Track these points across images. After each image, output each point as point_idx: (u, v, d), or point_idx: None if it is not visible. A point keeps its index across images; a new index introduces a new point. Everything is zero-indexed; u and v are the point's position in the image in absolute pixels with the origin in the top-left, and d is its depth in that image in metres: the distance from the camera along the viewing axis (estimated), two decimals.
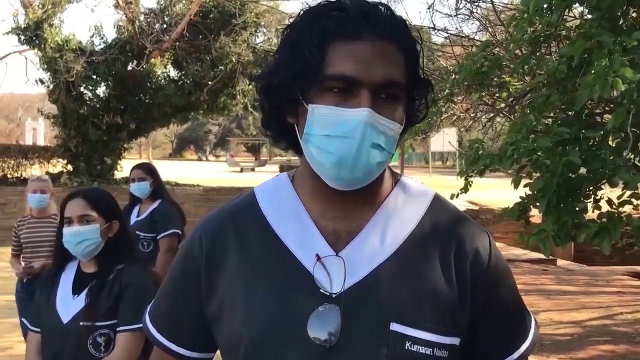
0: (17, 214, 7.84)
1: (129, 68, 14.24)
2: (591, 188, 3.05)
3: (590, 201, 3.04)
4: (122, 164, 14.67)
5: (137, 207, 4.41)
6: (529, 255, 9.52)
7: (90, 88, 14.08)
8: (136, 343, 2.11)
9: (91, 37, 14.38)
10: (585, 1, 3.15)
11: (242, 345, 0.97)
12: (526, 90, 4.25)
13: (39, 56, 13.44)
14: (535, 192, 2.89)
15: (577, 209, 2.83)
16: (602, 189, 3.06)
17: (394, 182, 1.07)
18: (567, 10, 3.42)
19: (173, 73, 15.41)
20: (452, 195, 4.30)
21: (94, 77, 13.72)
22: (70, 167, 14.22)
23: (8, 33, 13.51)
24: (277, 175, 1.12)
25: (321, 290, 0.96)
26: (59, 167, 14.64)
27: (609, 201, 2.93)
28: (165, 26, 14.54)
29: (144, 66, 13.88)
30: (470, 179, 3.96)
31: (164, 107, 14.39)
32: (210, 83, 14.12)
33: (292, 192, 1.06)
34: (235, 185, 15.55)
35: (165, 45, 13.94)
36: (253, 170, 37.62)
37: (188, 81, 14.61)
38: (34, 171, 13.99)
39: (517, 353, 1.06)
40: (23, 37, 13.49)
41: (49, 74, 13.43)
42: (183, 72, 14.97)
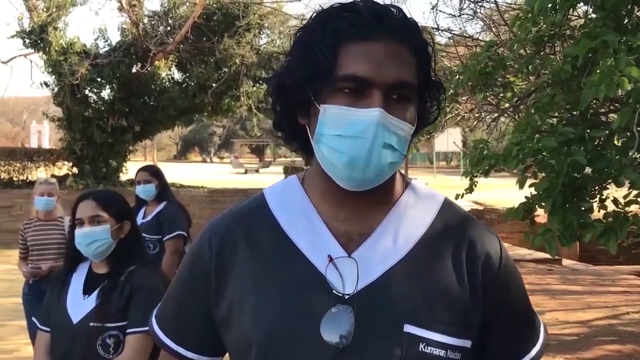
0: (23, 217, 7.86)
1: (134, 70, 14.28)
2: (597, 188, 3.04)
3: (596, 201, 3.02)
4: (127, 166, 14.72)
5: (142, 209, 4.43)
6: (534, 255, 9.49)
7: (95, 91, 14.12)
8: (145, 345, 2.11)
9: (95, 40, 14.42)
10: (590, 0, 3.14)
11: (253, 346, 0.97)
12: (531, 90, 4.23)
13: (44, 59, 13.48)
14: (540, 192, 2.88)
15: (583, 208, 2.82)
16: (608, 188, 3.06)
17: (404, 185, 1.08)
18: (571, 10, 3.41)
19: (177, 75, 15.45)
20: (457, 196, 4.28)
21: (99, 79, 13.74)
22: (75, 169, 14.26)
23: (13, 37, 13.53)
24: (285, 178, 1.12)
25: (334, 292, 0.96)
26: (64, 169, 14.68)
27: (615, 201, 2.92)
28: (169, 28, 14.56)
29: (148, 69, 13.92)
30: (475, 179, 3.95)
31: (168, 110, 14.42)
32: (214, 85, 14.14)
33: (302, 194, 1.06)
34: (239, 187, 15.58)
35: (169, 47, 13.97)
36: (257, 171, 37.65)
37: (192, 83, 14.63)
38: (40, 174, 14.04)
39: (528, 357, 1.06)
40: (28, 41, 13.52)
41: (53, 77, 13.46)
42: (187, 74, 14.99)
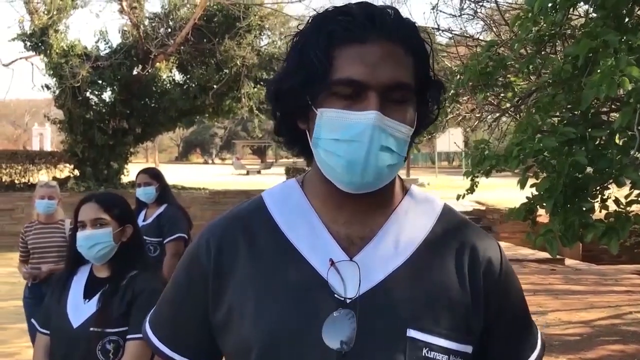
0: (24, 220, 7.86)
1: (134, 72, 14.31)
2: (598, 188, 3.03)
3: (597, 201, 3.02)
4: (129, 168, 14.75)
5: (143, 211, 4.42)
6: (536, 255, 9.49)
7: (96, 93, 14.18)
8: (146, 351, 2.08)
9: (96, 42, 14.49)
10: (590, 0, 3.13)
11: (253, 350, 0.95)
12: (531, 90, 4.23)
13: (45, 62, 13.53)
14: (541, 192, 2.87)
15: (584, 209, 2.81)
16: (609, 188, 3.05)
17: (404, 190, 1.07)
18: (571, 9, 3.40)
19: (178, 77, 15.50)
20: (459, 196, 4.28)
21: (100, 82, 13.79)
22: (77, 172, 14.30)
23: (14, 39, 13.60)
24: (285, 181, 1.11)
25: (335, 295, 0.95)
26: (65, 172, 14.72)
27: (617, 201, 2.91)
28: (170, 30, 14.59)
29: (149, 70, 13.95)
30: (477, 179, 3.94)
31: (169, 111, 14.44)
32: (215, 86, 14.16)
33: (302, 197, 1.05)
34: (241, 188, 15.59)
35: (170, 49, 13.99)
36: (259, 172, 37.64)
37: (193, 85, 14.66)
38: (41, 177, 14.07)
39: None
40: (29, 44, 13.58)
41: (54, 79, 13.51)
42: (188, 75, 15.03)
